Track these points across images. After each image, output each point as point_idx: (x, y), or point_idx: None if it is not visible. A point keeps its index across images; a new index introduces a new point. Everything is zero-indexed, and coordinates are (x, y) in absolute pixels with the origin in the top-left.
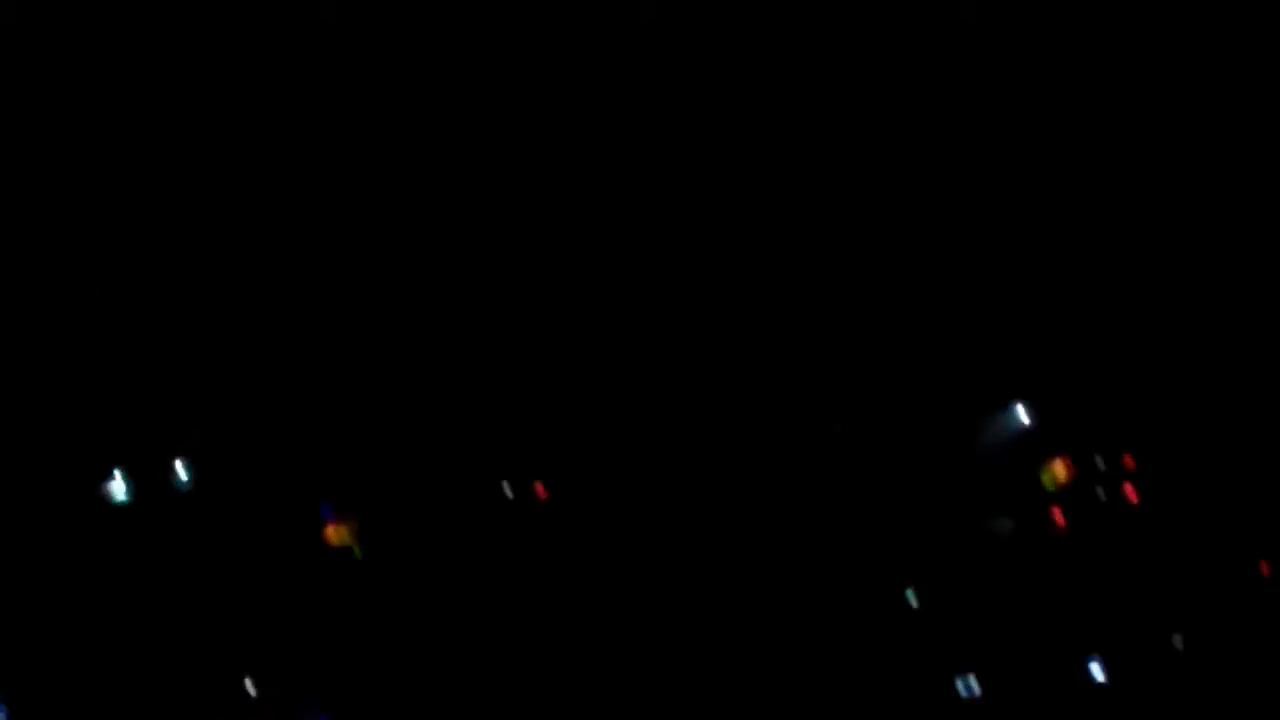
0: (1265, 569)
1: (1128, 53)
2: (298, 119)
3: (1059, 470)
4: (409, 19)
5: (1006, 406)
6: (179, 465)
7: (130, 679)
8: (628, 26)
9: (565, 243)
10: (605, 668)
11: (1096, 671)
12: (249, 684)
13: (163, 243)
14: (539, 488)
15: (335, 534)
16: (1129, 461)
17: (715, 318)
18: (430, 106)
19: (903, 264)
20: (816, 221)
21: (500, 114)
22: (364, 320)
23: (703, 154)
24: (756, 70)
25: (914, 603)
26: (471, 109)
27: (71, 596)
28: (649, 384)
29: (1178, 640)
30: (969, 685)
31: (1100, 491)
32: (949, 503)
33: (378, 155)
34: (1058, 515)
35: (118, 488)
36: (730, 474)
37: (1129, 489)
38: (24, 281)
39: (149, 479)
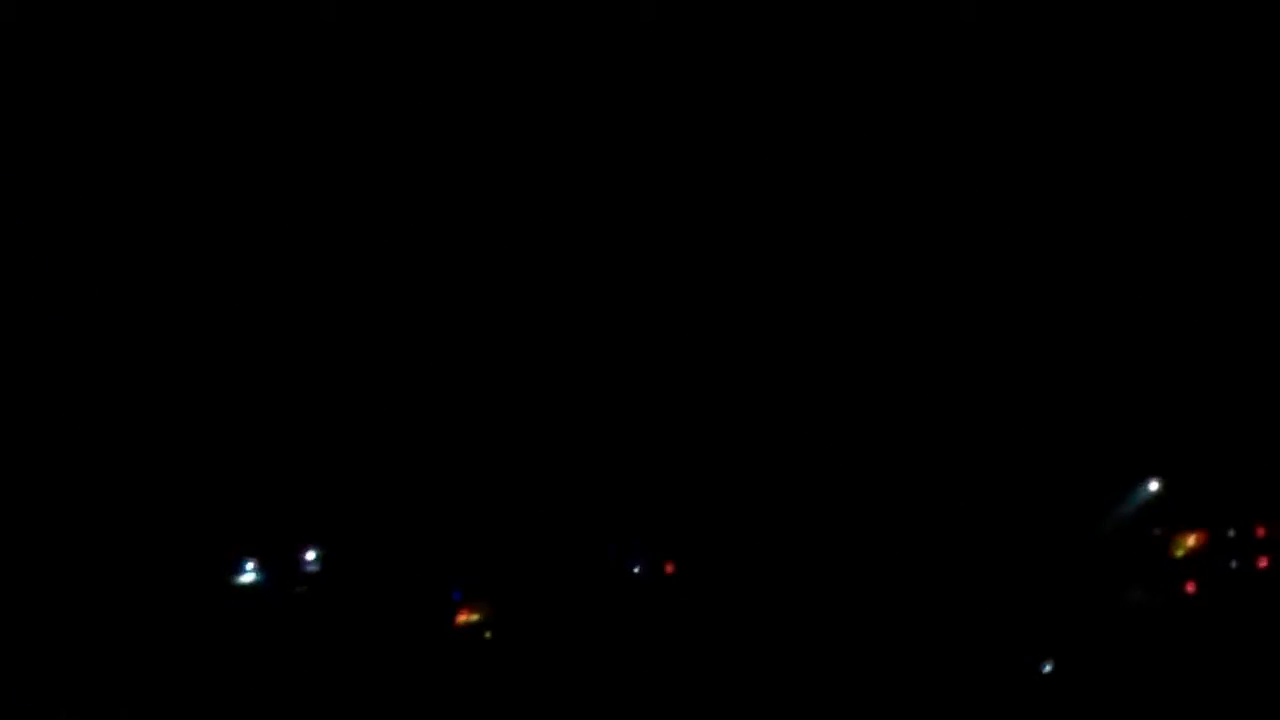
0: None
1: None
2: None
3: (1191, 540)
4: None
5: (1140, 480)
6: (312, 552)
7: None
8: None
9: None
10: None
11: None
12: None
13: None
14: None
15: (467, 617)
16: (1261, 531)
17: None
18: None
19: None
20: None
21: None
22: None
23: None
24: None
25: (1048, 668)
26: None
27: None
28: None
29: None
30: None
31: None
32: (1086, 573)
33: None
34: (1190, 585)
35: (252, 573)
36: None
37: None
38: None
39: (281, 565)
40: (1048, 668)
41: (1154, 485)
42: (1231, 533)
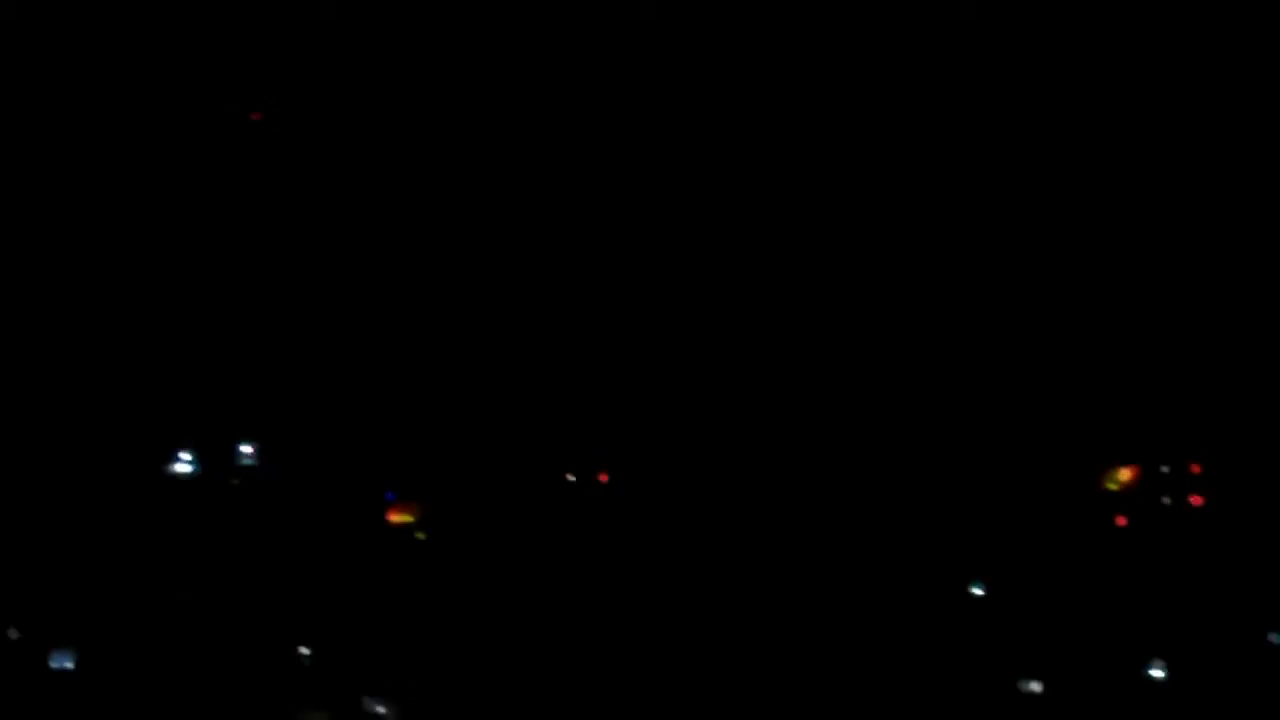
0: None
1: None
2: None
3: (1124, 475)
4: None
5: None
6: (246, 447)
7: (187, 652)
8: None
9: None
10: (654, 650)
11: (1157, 673)
12: (304, 661)
13: (221, 232)
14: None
15: (399, 517)
16: (1195, 468)
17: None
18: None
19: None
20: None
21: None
22: (423, 312)
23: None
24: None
25: (979, 591)
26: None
27: (134, 570)
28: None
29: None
30: (1029, 685)
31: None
32: (1014, 503)
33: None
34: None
35: (185, 465)
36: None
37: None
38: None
39: (216, 459)
40: (979, 590)
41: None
42: (1165, 469)
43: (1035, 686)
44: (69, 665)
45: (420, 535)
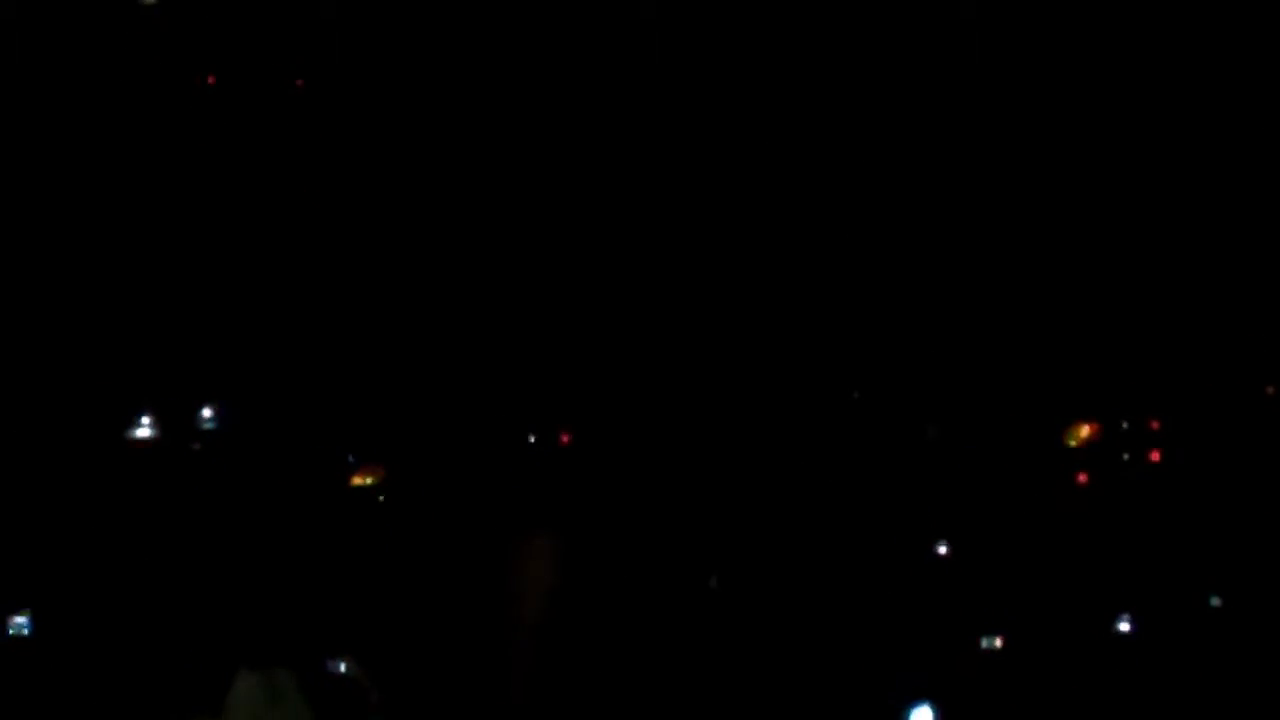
0: None
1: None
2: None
3: (1084, 431)
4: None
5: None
6: (206, 409)
7: (148, 614)
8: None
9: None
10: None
11: (1124, 627)
12: (268, 625)
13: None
14: (563, 435)
15: (361, 479)
16: (1154, 424)
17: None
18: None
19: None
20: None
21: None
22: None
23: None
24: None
25: (942, 550)
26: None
27: (91, 533)
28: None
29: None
30: (992, 641)
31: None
32: (975, 463)
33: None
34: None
35: (146, 428)
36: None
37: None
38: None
39: (176, 421)
40: (942, 549)
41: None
42: (1125, 425)
43: (997, 643)
44: (25, 632)
45: (381, 498)
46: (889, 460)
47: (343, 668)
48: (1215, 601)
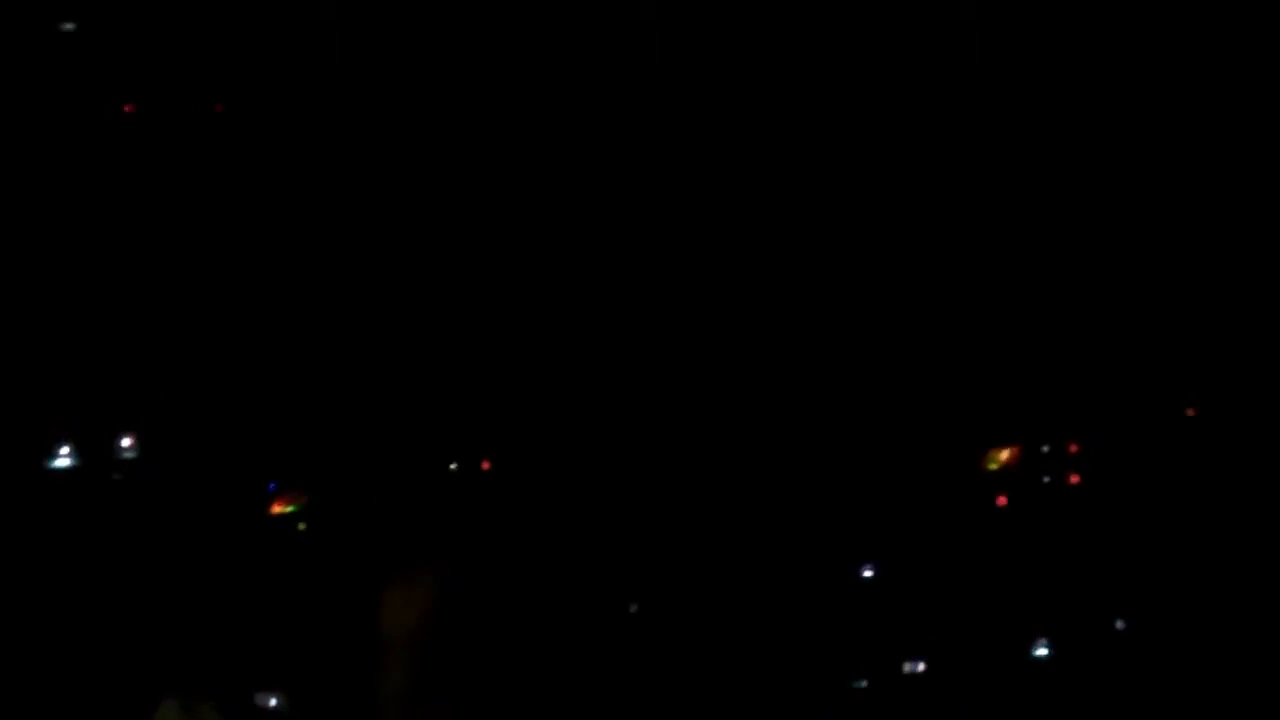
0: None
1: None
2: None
3: (1004, 455)
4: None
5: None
6: (125, 439)
7: (68, 645)
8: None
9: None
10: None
11: (1042, 651)
12: (188, 655)
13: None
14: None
15: (282, 508)
16: (1073, 448)
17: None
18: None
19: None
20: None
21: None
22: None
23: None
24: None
25: (869, 572)
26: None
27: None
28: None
29: (1119, 623)
30: (915, 665)
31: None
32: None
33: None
34: (1002, 499)
35: (64, 459)
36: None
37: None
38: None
39: (95, 451)
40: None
41: None
42: (1045, 448)
43: (920, 667)
44: None
45: (302, 526)
46: (807, 481)
47: (272, 702)
48: (1120, 625)
